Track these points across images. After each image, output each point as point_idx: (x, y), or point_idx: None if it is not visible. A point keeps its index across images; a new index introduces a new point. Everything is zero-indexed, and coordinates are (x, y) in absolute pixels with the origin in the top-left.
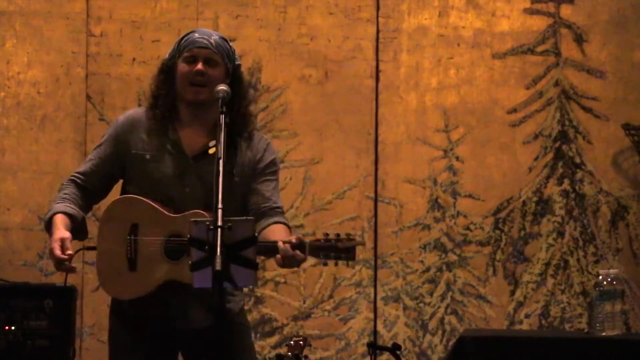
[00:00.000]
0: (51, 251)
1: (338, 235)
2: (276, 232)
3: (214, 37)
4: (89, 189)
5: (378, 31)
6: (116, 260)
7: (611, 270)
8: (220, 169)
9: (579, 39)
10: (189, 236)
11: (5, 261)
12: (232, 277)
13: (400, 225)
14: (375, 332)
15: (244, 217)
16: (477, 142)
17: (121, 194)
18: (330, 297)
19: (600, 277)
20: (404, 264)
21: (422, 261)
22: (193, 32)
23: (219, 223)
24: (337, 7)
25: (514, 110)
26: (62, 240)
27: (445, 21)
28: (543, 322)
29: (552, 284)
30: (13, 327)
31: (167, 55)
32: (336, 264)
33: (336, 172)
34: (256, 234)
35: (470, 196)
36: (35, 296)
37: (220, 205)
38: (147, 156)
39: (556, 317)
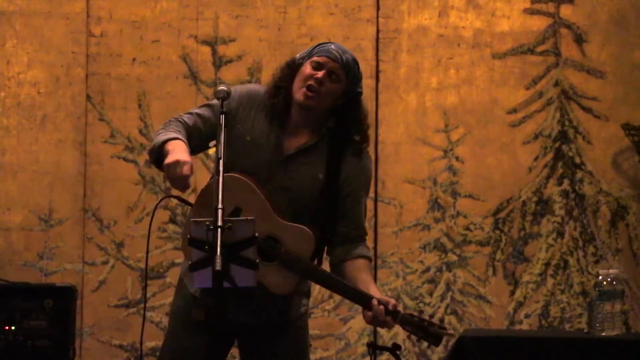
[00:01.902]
0: (177, 162)
1: (431, 317)
2: (362, 270)
3: (347, 56)
4: (192, 137)
5: (378, 31)
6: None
7: (611, 270)
8: (221, 168)
9: (579, 39)
10: (189, 236)
11: (5, 261)
12: (232, 277)
13: (400, 226)
14: (375, 332)
15: (244, 217)
16: (477, 142)
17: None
18: (330, 297)
19: (600, 277)
20: (403, 264)
21: (422, 261)
22: (332, 43)
23: (219, 223)
24: (337, 7)
25: (514, 111)
26: (188, 164)
27: (445, 21)
28: (543, 322)
29: (552, 284)
30: (13, 327)
31: (297, 55)
32: (418, 341)
33: None
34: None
35: (470, 196)
36: (35, 296)
37: (220, 206)
38: (248, 138)
39: (556, 317)
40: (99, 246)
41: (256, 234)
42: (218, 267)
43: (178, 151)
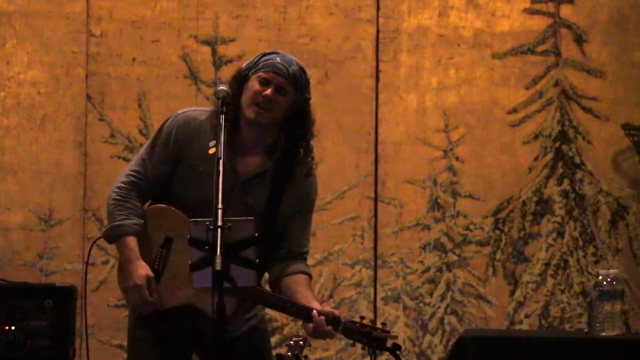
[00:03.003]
0: (137, 287)
1: (373, 322)
2: (301, 284)
3: (294, 68)
4: (147, 190)
5: (378, 31)
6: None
7: (611, 270)
8: (221, 168)
9: (579, 39)
10: (189, 236)
11: (5, 261)
12: (232, 277)
13: (400, 226)
14: None
15: (244, 217)
16: (477, 142)
17: (170, 195)
18: (330, 297)
19: (600, 277)
20: (403, 264)
21: (422, 261)
22: (277, 54)
23: (219, 223)
24: (337, 7)
25: (514, 111)
26: (150, 280)
27: (445, 21)
28: (543, 322)
29: (552, 284)
30: (13, 327)
31: (243, 65)
32: (363, 349)
33: (336, 172)
34: (256, 235)
35: (470, 196)
36: (35, 296)
37: (220, 206)
38: (200, 168)
39: (556, 317)
40: (99, 246)
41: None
42: (218, 267)
43: (138, 266)
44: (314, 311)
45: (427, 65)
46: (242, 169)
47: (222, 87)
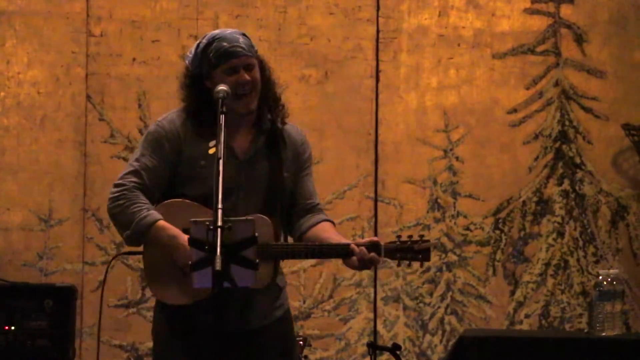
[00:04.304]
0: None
1: (411, 237)
2: (328, 231)
3: (242, 40)
4: (154, 194)
5: (378, 31)
6: (170, 266)
7: (611, 271)
8: (220, 169)
9: (579, 39)
10: (189, 236)
11: (5, 261)
12: (232, 277)
13: (400, 226)
14: (375, 332)
15: (244, 217)
16: (477, 142)
17: (172, 197)
18: (330, 297)
19: (600, 277)
20: (404, 264)
21: None
22: (217, 39)
23: (219, 223)
24: (337, 7)
25: (514, 111)
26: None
27: (445, 21)
28: (543, 322)
29: (552, 284)
30: (13, 327)
31: (189, 66)
32: (409, 265)
33: (336, 172)
34: (256, 235)
35: (470, 196)
36: (35, 296)
37: (220, 206)
38: (202, 162)
39: (556, 317)
40: (98, 246)
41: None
42: (218, 267)
43: (185, 239)
44: (351, 245)
45: (427, 65)
46: (240, 151)
47: (222, 87)
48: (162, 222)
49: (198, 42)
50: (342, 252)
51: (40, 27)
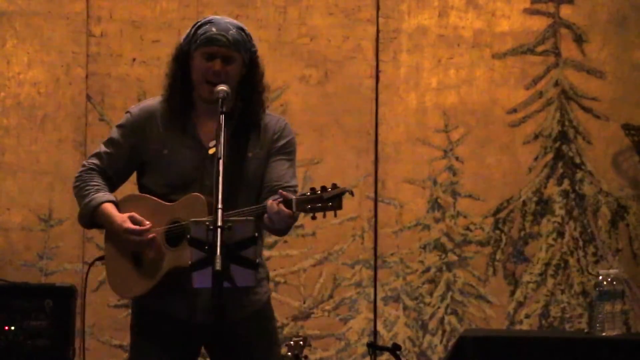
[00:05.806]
0: (125, 230)
1: (323, 186)
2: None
3: (232, 32)
4: (112, 179)
5: (378, 31)
6: (122, 259)
7: (611, 270)
8: (220, 169)
9: (579, 39)
10: (189, 236)
11: (6, 261)
12: (231, 277)
13: (400, 226)
14: (375, 332)
15: (244, 218)
16: (477, 142)
17: (138, 186)
18: (330, 297)
19: (600, 277)
20: (404, 264)
21: (422, 261)
22: (211, 22)
23: (219, 223)
24: (337, 7)
25: (514, 111)
26: (132, 217)
27: (445, 21)
28: (543, 322)
29: (552, 284)
30: (13, 327)
31: (181, 40)
32: (324, 216)
33: (336, 172)
34: (256, 235)
35: (470, 196)
36: (35, 296)
37: (220, 206)
38: (165, 151)
39: (556, 317)
40: (99, 246)
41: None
42: (218, 267)
43: (115, 220)
44: (268, 201)
45: (427, 65)
46: (206, 139)
47: (221, 87)
48: (105, 206)
49: (198, 20)
50: (260, 210)
51: (41, 27)
